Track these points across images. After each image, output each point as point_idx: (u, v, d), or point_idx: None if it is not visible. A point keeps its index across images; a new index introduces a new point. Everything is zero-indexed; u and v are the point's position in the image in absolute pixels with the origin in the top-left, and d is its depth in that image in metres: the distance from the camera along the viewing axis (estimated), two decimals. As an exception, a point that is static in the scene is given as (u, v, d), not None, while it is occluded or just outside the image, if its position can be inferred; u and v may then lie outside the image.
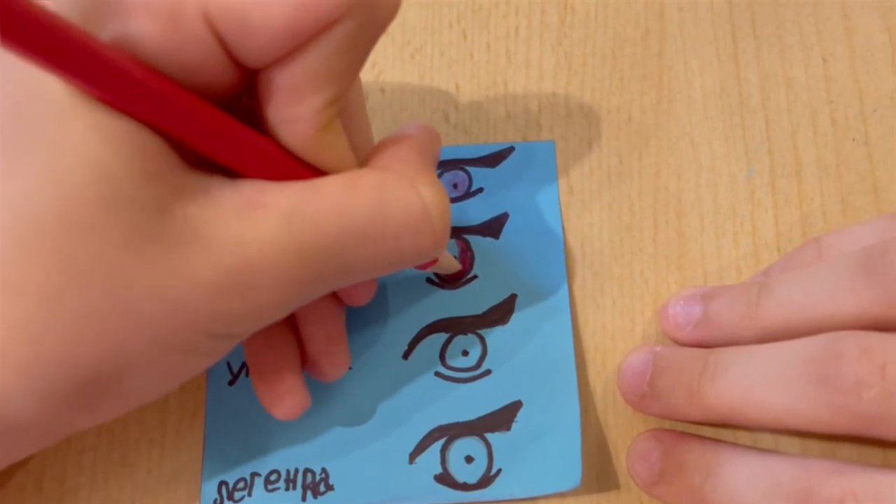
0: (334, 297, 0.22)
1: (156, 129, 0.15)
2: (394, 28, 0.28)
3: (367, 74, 0.27)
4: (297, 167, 0.17)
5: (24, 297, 0.14)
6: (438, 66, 0.27)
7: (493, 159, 0.26)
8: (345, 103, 0.18)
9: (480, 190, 0.26)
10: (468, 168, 0.26)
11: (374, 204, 0.17)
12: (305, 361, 0.22)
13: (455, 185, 0.26)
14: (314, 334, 0.21)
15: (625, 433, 0.24)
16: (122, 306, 0.15)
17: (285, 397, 0.21)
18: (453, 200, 0.25)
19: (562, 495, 0.23)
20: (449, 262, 0.24)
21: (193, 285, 0.15)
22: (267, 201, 0.16)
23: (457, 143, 0.26)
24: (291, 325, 0.22)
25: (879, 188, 0.26)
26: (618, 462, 0.23)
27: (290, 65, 0.16)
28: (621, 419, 0.24)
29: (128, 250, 0.15)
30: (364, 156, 0.19)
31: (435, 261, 0.22)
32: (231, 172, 0.17)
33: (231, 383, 0.24)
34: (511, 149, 0.26)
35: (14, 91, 0.15)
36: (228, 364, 0.24)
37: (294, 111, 0.16)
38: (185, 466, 0.23)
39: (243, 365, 0.24)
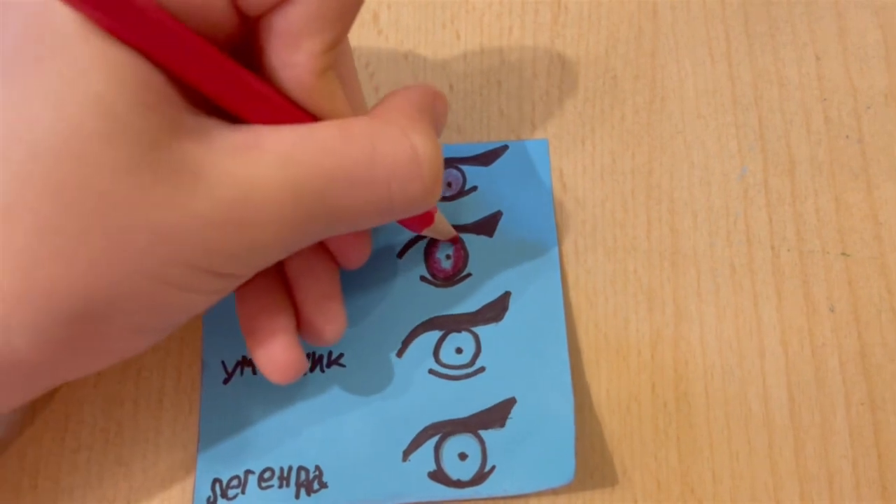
0: (328, 255, 0.22)
1: (158, 65, 0.16)
2: (388, 28, 0.28)
3: (361, 75, 0.27)
4: (294, 111, 0.18)
5: (18, 224, 0.15)
6: (432, 66, 0.28)
7: (486, 158, 0.26)
8: (337, 65, 0.19)
9: (474, 188, 0.26)
10: (462, 167, 0.26)
11: (364, 149, 0.18)
12: (301, 325, 0.22)
13: (449, 184, 0.26)
14: (309, 293, 0.21)
15: (618, 430, 0.24)
16: (112, 235, 0.15)
17: (281, 360, 0.21)
18: (447, 199, 0.26)
19: (556, 492, 0.23)
20: (444, 226, 0.24)
21: (188, 217, 0.16)
22: (263, 143, 0.17)
23: (451, 142, 0.27)
24: (285, 289, 0.22)
25: (873, 186, 0.26)
26: (612, 459, 0.23)
27: (287, 9, 0.16)
28: (615, 416, 0.24)
29: (122, 180, 0.15)
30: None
31: (430, 221, 0.22)
32: (229, 118, 0.17)
33: (226, 382, 0.24)
34: (505, 147, 0.26)
35: (23, 14, 0.15)
36: (223, 363, 0.24)
37: (292, 55, 0.17)
38: (180, 465, 0.23)
39: (237, 364, 0.24)
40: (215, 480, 0.23)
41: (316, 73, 0.17)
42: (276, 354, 0.21)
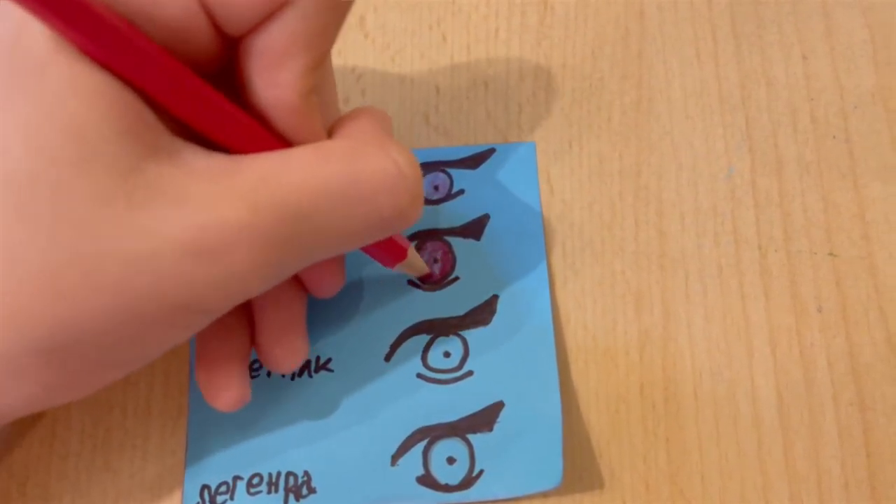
0: (297, 284, 0.22)
1: (136, 89, 0.15)
2: (374, 31, 0.28)
3: (347, 78, 0.27)
4: (270, 138, 0.17)
5: None
6: (419, 68, 0.28)
7: (473, 161, 0.26)
8: (318, 84, 0.19)
9: (461, 192, 0.26)
10: (449, 170, 0.26)
11: (348, 168, 0.17)
12: (259, 350, 0.22)
13: (436, 187, 0.26)
14: (272, 321, 0.21)
15: (607, 432, 0.24)
16: (83, 266, 0.15)
17: (222, 390, 0.20)
18: (434, 202, 0.26)
19: (544, 495, 0.23)
20: (418, 261, 0.24)
21: (161, 244, 0.15)
22: (240, 167, 0.16)
23: (437, 145, 0.27)
24: (244, 314, 0.21)
25: (860, 185, 0.26)
26: (600, 461, 0.23)
27: (270, 28, 0.16)
28: (603, 419, 0.24)
29: (95, 210, 0.15)
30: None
31: (404, 255, 0.22)
32: (206, 145, 0.17)
33: (214, 387, 0.24)
34: (492, 150, 0.26)
35: None
36: (211, 368, 0.24)
37: (276, 76, 0.17)
38: (168, 471, 0.23)
39: (225, 369, 0.24)
40: (204, 487, 0.23)
41: (300, 94, 0.17)
42: (219, 383, 0.20)
